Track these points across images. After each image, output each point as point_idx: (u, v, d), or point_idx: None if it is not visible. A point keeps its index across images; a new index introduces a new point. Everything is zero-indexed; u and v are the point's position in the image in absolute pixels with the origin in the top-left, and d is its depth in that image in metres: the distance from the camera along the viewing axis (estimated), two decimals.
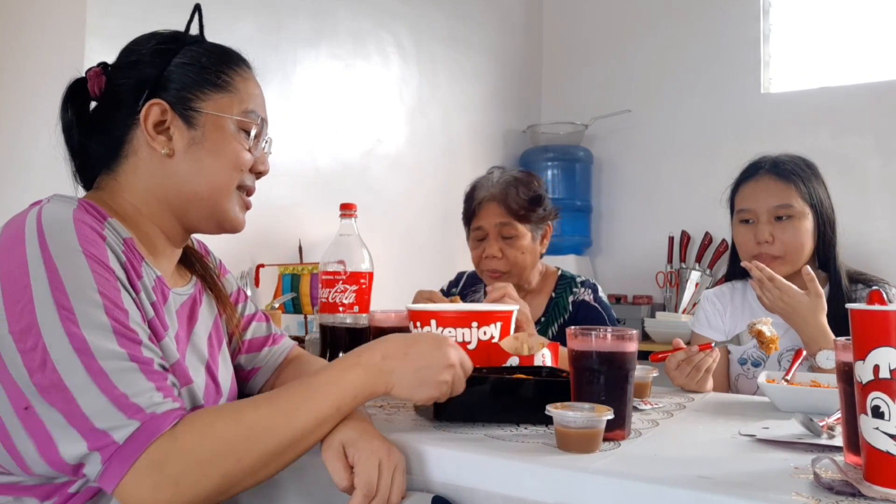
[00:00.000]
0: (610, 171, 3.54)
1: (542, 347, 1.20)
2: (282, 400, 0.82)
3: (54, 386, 0.72)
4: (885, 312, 0.72)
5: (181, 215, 0.96)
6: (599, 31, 3.60)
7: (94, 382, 0.73)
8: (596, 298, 1.80)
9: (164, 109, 0.91)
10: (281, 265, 2.16)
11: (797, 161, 1.63)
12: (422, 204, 2.87)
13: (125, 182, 0.93)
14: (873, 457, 0.72)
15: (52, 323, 0.73)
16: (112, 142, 0.93)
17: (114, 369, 0.74)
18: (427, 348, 0.90)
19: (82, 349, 0.73)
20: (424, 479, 0.89)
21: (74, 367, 0.73)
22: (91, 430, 0.72)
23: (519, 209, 1.71)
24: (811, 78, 3.15)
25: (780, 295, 1.44)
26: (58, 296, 0.74)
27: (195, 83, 0.94)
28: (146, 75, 0.92)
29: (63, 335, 0.73)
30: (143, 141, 0.92)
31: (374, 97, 2.68)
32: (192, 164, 0.93)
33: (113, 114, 0.93)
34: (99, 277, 0.78)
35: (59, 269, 0.76)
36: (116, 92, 0.93)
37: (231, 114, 0.95)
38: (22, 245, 0.77)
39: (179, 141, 0.92)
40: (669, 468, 0.81)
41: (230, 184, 0.96)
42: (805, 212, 1.58)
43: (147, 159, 0.93)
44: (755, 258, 1.60)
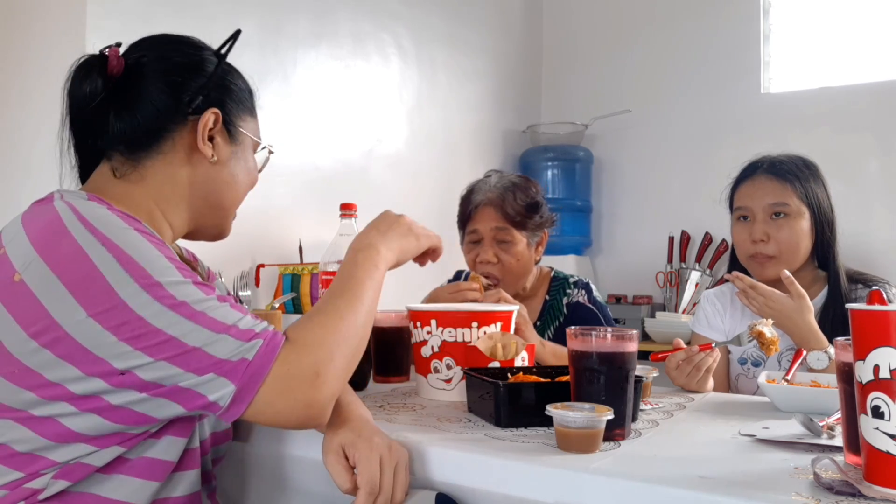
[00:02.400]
0: (610, 171, 3.54)
1: (520, 349, 1.20)
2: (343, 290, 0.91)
3: (162, 343, 0.75)
4: (885, 312, 0.72)
5: (196, 218, 0.99)
6: (599, 31, 3.60)
7: (202, 325, 0.76)
8: (590, 299, 1.79)
9: (218, 119, 0.95)
10: (281, 265, 2.16)
11: (796, 161, 1.63)
12: (422, 204, 2.87)
13: (151, 175, 0.94)
14: (873, 457, 0.72)
15: (136, 295, 0.75)
16: (145, 129, 0.92)
17: (211, 308, 0.78)
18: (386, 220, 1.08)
19: (175, 305, 0.76)
20: (425, 479, 0.89)
21: (176, 320, 0.75)
22: (215, 365, 0.76)
23: (515, 215, 1.69)
24: (811, 78, 3.15)
25: (766, 301, 1.45)
26: (130, 268, 0.76)
27: (239, 103, 1.00)
28: (195, 77, 0.94)
29: (152, 300, 0.75)
30: (186, 142, 0.94)
31: (373, 97, 2.68)
32: (228, 175, 0.98)
33: (147, 100, 0.92)
34: (157, 244, 0.81)
35: (120, 247, 0.77)
36: (151, 79, 0.93)
37: (257, 137, 1.03)
38: (68, 235, 0.77)
39: (221, 152, 0.97)
40: (669, 468, 0.81)
41: (243, 199, 1.04)
42: (801, 211, 1.58)
43: (183, 158, 0.94)
44: (751, 258, 1.61)
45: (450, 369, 1.20)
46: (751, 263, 1.63)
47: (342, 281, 0.93)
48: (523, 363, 1.21)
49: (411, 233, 1.07)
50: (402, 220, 1.08)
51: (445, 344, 1.21)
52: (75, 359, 0.75)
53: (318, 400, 0.81)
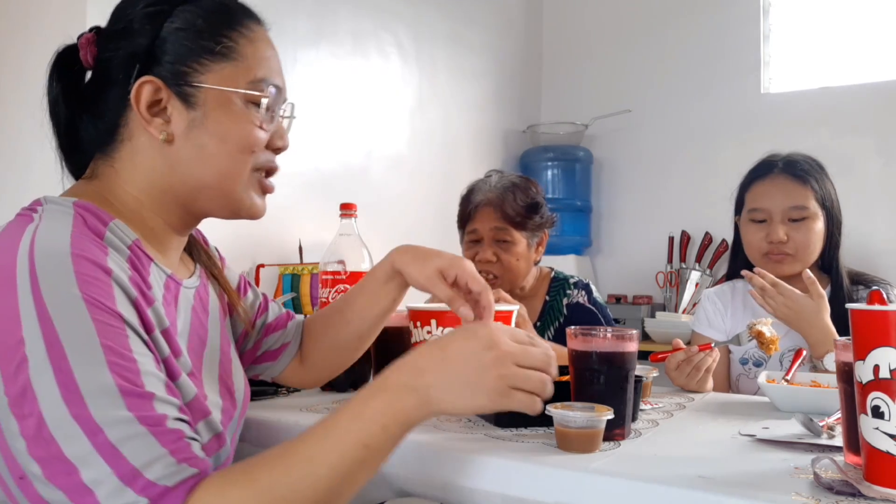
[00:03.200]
0: (610, 171, 3.54)
1: None
2: (297, 453, 0.68)
3: (54, 458, 0.63)
4: (885, 312, 0.72)
5: (189, 204, 0.85)
6: (599, 31, 3.60)
7: (100, 454, 0.63)
8: (590, 300, 1.79)
9: (158, 87, 0.79)
10: (281, 265, 2.16)
11: (810, 160, 1.61)
12: (422, 204, 2.87)
13: (123, 171, 0.82)
14: (873, 457, 0.72)
15: (49, 387, 0.63)
16: (105, 124, 0.82)
17: (121, 437, 0.63)
18: (463, 341, 0.75)
19: (82, 416, 0.63)
20: (425, 479, 0.89)
21: (76, 437, 0.63)
22: None
23: (515, 215, 1.69)
24: (811, 78, 3.15)
25: (784, 301, 1.43)
26: (54, 355, 0.64)
27: (191, 52, 0.80)
28: (136, 46, 0.80)
29: (60, 402, 0.63)
30: (138, 124, 0.80)
31: (374, 97, 2.67)
32: (193, 149, 0.81)
33: (104, 91, 0.81)
34: (101, 326, 0.67)
35: (54, 322, 0.65)
36: (106, 65, 0.81)
37: (236, 87, 0.82)
38: (13, 290, 0.66)
39: (178, 124, 0.80)
40: (669, 468, 0.81)
41: (240, 168, 0.84)
42: (818, 213, 1.57)
43: (145, 145, 0.81)
44: (765, 255, 1.59)
45: None
46: (765, 262, 1.60)
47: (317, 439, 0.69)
48: None
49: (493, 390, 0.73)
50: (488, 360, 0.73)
51: None
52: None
53: None
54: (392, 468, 0.90)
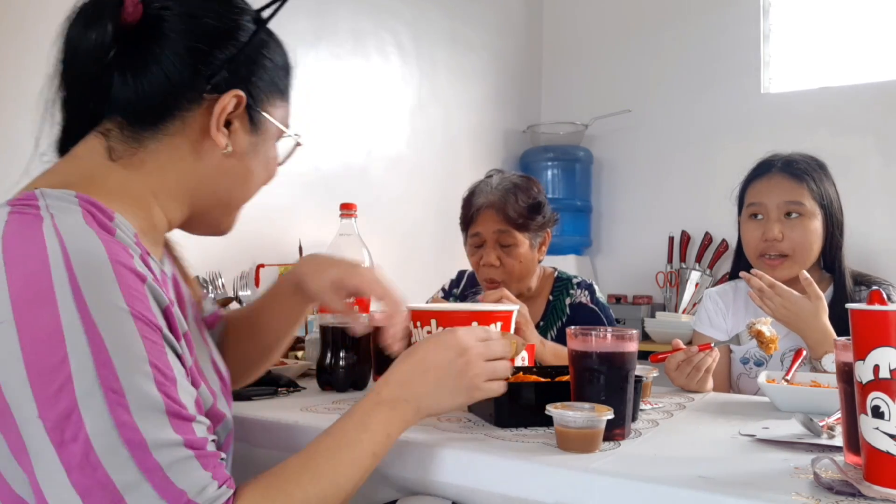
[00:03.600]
0: (610, 171, 3.54)
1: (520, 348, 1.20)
2: (320, 467, 0.74)
3: (101, 486, 0.60)
4: (885, 312, 0.72)
5: (199, 212, 0.85)
6: (599, 31, 3.60)
7: (149, 481, 0.61)
8: (593, 300, 1.79)
9: (241, 103, 0.79)
10: (281, 265, 2.16)
11: (809, 161, 1.62)
12: (422, 204, 2.87)
13: (152, 163, 0.78)
14: (873, 457, 0.72)
15: (98, 408, 0.61)
16: (153, 103, 0.77)
17: (170, 462, 0.63)
18: (438, 353, 0.85)
19: (134, 441, 0.61)
20: (425, 479, 0.89)
21: (126, 463, 0.61)
22: None
23: (517, 217, 1.69)
24: (811, 78, 3.15)
25: (782, 302, 1.43)
26: (104, 374, 0.61)
27: (271, 84, 0.84)
28: (224, 47, 0.79)
29: (111, 425, 0.61)
30: (198, 124, 0.78)
31: (374, 97, 2.67)
32: (243, 170, 0.83)
33: (160, 65, 0.76)
34: (149, 343, 0.65)
35: (104, 338, 0.62)
36: (169, 39, 0.77)
37: (285, 125, 0.87)
38: (52, 303, 0.61)
39: (239, 142, 0.81)
40: (669, 468, 0.81)
41: (254, 196, 0.88)
42: (815, 212, 1.57)
43: (192, 145, 0.79)
44: (761, 255, 1.60)
45: None
46: (760, 264, 1.60)
47: (334, 451, 0.75)
48: (523, 363, 1.21)
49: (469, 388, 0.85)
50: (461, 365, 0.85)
51: None
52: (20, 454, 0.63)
53: None
54: (393, 468, 0.90)
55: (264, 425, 1.06)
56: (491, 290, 1.50)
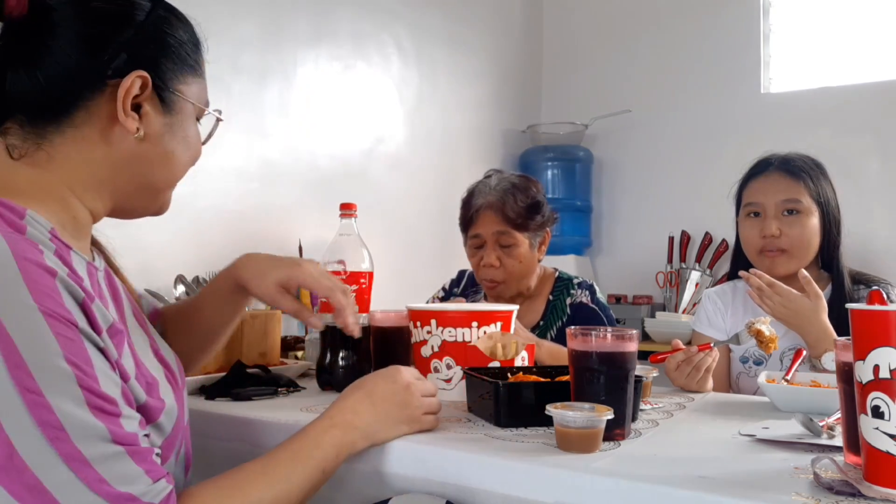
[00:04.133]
0: (610, 171, 3.54)
1: (520, 348, 1.20)
2: (276, 473, 0.79)
3: (30, 489, 0.59)
4: (885, 312, 0.72)
5: (121, 200, 0.82)
6: (599, 31, 3.60)
7: (80, 478, 0.61)
8: (593, 300, 1.79)
9: (146, 84, 0.77)
10: None
11: (806, 159, 1.63)
12: (422, 204, 2.87)
13: (60, 156, 0.75)
14: (873, 457, 0.72)
15: (17, 411, 0.59)
16: (53, 96, 0.74)
17: (98, 457, 0.62)
18: (385, 385, 0.93)
19: (59, 438, 0.60)
20: (425, 479, 0.89)
21: (52, 462, 0.60)
22: None
23: (516, 217, 1.69)
24: (811, 78, 3.15)
25: (782, 301, 1.43)
26: (18, 375, 0.60)
27: (174, 59, 0.81)
28: (119, 30, 0.76)
29: (33, 425, 0.60)
30: (104, 113, 0.76)
31: (374, 98, 2.68)
32: (161, 153, 0.81)
33: (54, 56, 0.74)
34: (63, 340, 0.63)
35: (13, 339, 0.60)
36: (60, 28, 0.74)
37: (200, 102, 0.85)
38: None
39: (151, 124, 0.79)
40: (669, 468, 0.81)
41: (181, 176, 0.86)
42: (812, 209, 1.58)
43: (101, 133, 0.76)
44: (760, 254, 1.61)
45: (450, 369, 1.20)
46: (760, 260, 1.62)
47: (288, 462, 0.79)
48: (523, 363, 1.21)
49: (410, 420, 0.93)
50: (405, 397, 0.93)
51: (445, 344, 1.21)
52: None
53: None
54: (392, 468, 0.90)
55: (264, 425, 1.06)
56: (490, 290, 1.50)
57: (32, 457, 0.60)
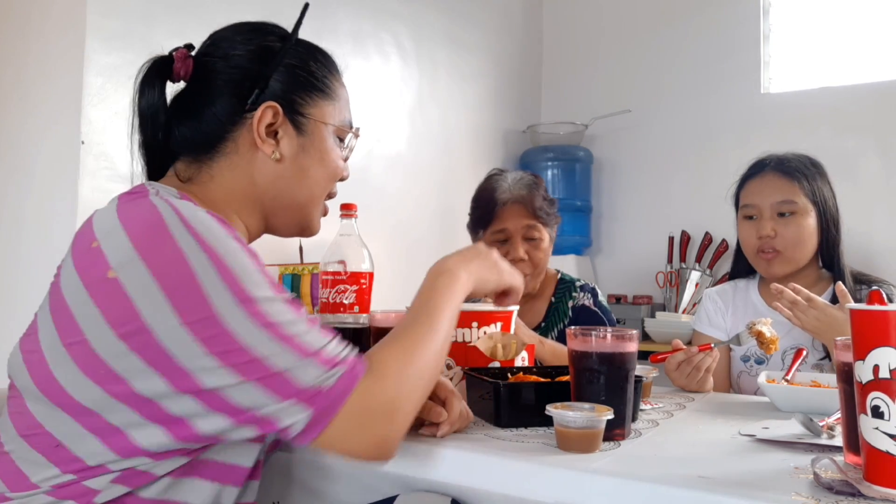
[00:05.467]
0: (610, 171, 3.54)
1: (520, 349, 1.20)
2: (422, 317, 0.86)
3: (250, 363, 0.72)
4: (885, 312, 0.72)
5: (268, 217, 0.95)
6: (599, 31, 3.60)
7: (290, 349, 0.74)
8: (596, 303, 1.79)
9: (277, 112, 0.90)
10: (281, 265, 2.16)
11: (802, 160, 1.63)
12: (422, 204, 2.87)
13: (219, 177, 0.91)
14: (873, 457, 0.72)
15: (231, 308, 0.72)
16: (207, 135, 0.90)
17: (300, 333, 0.75)
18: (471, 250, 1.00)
19: (267, 324, 0.73)
20: (425, 479, 0.89)
21: (266, 340, 0.73)
22: (298, 392, 0.73)
23: (541, 212, 1.71)
24: (811, 78, 3.15)
25: (817, 314, 1.39)
26: (228, 279, 0.73)
27: (304, 87, 0.93)
28: (254, 72, 0.90)
29: (245, 316, 0.73)
30: (248, 140, 0.90)
31: (373, 97, 2.67)
32: (297, 171, 0.93)
33: (208, 104, 0.90)
34: (251, 255, 0.78)
35: (219, 255, 0.74)
36: (214, 82, 0.90)
37: (334, 122, 0.97)
38: (169, 237, 0.74)
39: (288, 146, 0.91)
40: (669, 468, 0.81)
41: (323, 192, 0.98)
42: (808, 209, 1.58)
43: (248, 159, 0.90)
44: (758, 254, 1.61)
45: (450, 369, 1.20)
46: (758, 260, 1.63)
47: (420, 306, 0.88)
48: (523, 363, 1.21)
49: (496, 267, 1.00)
50: (489, 254, 1.01)
51: None
52: (162, 367, 0.72)
53: (391, 437, 0.78)
54: (394, 467, 0.90)
55: None
56: None
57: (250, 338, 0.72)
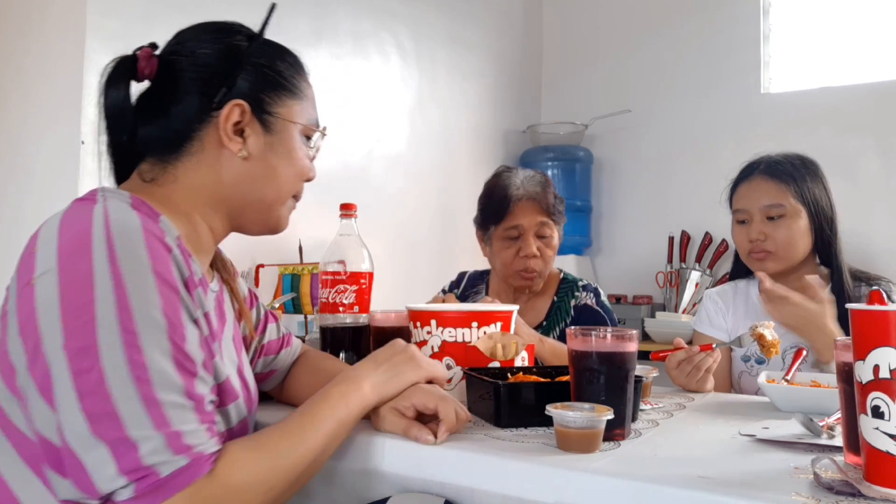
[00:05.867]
0: (610, 171, 3.54)
1: (520, 348, 1.20)
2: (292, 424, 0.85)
3: (106, 414, 0.69)
4: (885, 312, 0.72)
5: (235, 216, 0.94)
6: (599, 31, 3.60)
7: (149, 415, 0.70)
8: (598, 302, 1.80)
9: (244, 111, 0.89)
10: (281, 265, 2.16)
11: (793, 160, 1.64)
12: (422, 204, 2.87)
13: (184, 177, 0.90)
14: (873, 457, 0.72)
15: (114, 346, 0.70)
16: (172, 133, 0.89)
17: (170, 403, 0.71)
18: (386, 351, 0.98)
19: (141, 378, 0.70)
20: (424, 479, 0.89)
21: (131, 396, 0.69)
22: (135, 463, 0.69)
23: (553, 208, 1.73)
24: (811, 78, 3.15)
25: (792, 310, 1.43)
26: (123, 316, 0.71)
27: (272, 86, 0.92)
28: (221, 70, 0.89)
29: (123, 361, 0.70)
30: (214, 139, 0.89)
31: (373, 97, 2.67)
32: (264, 169, 0.92)
33: (177, 105, 0.89)
34: (165, 297, 0.74)
35: (126, 286, 0.72)
36: (180, 81, 0.89)
37: (301, 120, 0.96)
38: (89, 254, 0.72)
39: (255, 144, 0.91)
40: (669, 468, 0.81)
41: (290, 191, 0.97)
42: (798, 210, 1.59)
43: (214, 157, 0.90)
44: (750, 255, 1.63)
45: (450, 369, 1.20)
46: (750, 260, 1.65)
47: (303, 413, 0.86)
48: (523, 363, 1.21)
49: (412, 361, 0.97)
50: (406, 350, 0.99)
51: (445, 344, 1.21)
52: (45, 390, 0.71)
53: None
54: (392, 467, 0.90)
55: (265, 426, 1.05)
56: None
57: (116, 387, 0.69)
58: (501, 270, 1.79)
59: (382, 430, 0.94)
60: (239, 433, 0.90)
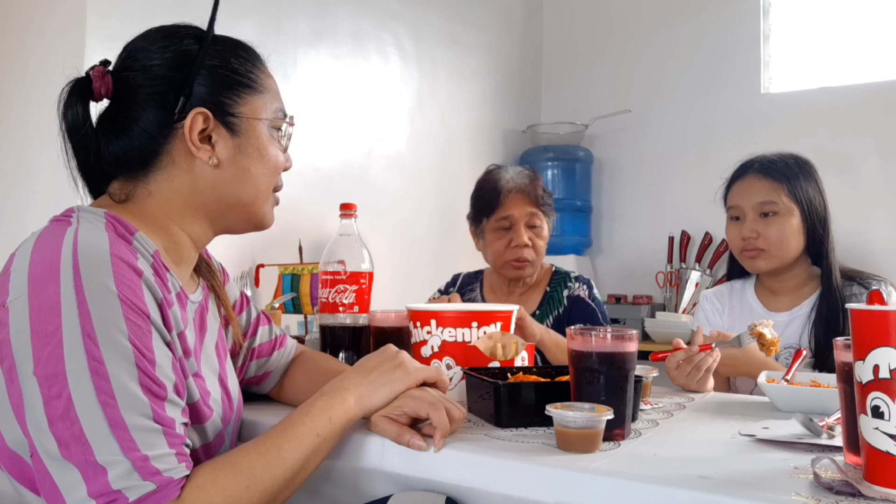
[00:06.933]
0: (610, 171, 3.54)
1: (520, 349, 1.20)
2: (268, 443, 0.82)
3: (75, 439, 0.70)
4: (885, 312, 0.72)
5: (216, 220, 0.94)
6: (599, 31, 3.60)
7: (117, 440, 0.71)
8: (590, 295, 1.83)
9: (207, 118, 0.88)
10: (281, 265, 2.16)
11: (787, 159, 1.65)
12: (422, 204, 2.87)
13: (157, 191, 0.89)
14: (873, 457, 0.72)
15: (80, 371, 0.71)
16: (139, 152, 0.88)
17: (138, 428, 0.72)
18: (375, 357, 0.96)
19: (108, 403, 0.71)
20: (424, 479, 0.89)
21: (98, 421, 0.70)
22: (104, 487, 0.70)
23: (541, 200, 1.80)
24: (811, 78, 3.15)
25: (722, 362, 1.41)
26: (88, 343, 0.72)
27: (230, 87, 0.90)
28: (176, 80, 0.87)
29: (90, 387, 0.71)
30: (182, 150, 0.88)
31: (373, 97, 2.68)
32: (237, 172, 0.91)
33: (138, 122, 0.87)
34: (131, 324, 0.75)
35: (91, 313, 0.72)
36: (137, 97, 0.87)
37: (266, 115, 0.94)
38: (56, 282, 0.73)
39: (224, 150, 0.89)
40: (669, 468, 0.81)
41: (268, 187, 0.96)
42: (791, 209, 1.60)
43: (185, 168, 0.89)
44: (742, 253, 1.66)
45: (450, 369, 1.20)
46: (743, 258, 1.67)
47: (282, 432, 0.83)
48: (523, 363, 1.21)
49: (402, 368, 0.94)
50: (395, 357, 0.96)
51: (445, 344, 1.21)
52: (18, 412, 0.74)
53: None
54: (392, 467, 0.90)
55: (264, 427, 1.05)
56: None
57: (84, 413, 0.71)
58: (494, 261, 1.83)
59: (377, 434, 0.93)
60: (216, 447, 0.90)
